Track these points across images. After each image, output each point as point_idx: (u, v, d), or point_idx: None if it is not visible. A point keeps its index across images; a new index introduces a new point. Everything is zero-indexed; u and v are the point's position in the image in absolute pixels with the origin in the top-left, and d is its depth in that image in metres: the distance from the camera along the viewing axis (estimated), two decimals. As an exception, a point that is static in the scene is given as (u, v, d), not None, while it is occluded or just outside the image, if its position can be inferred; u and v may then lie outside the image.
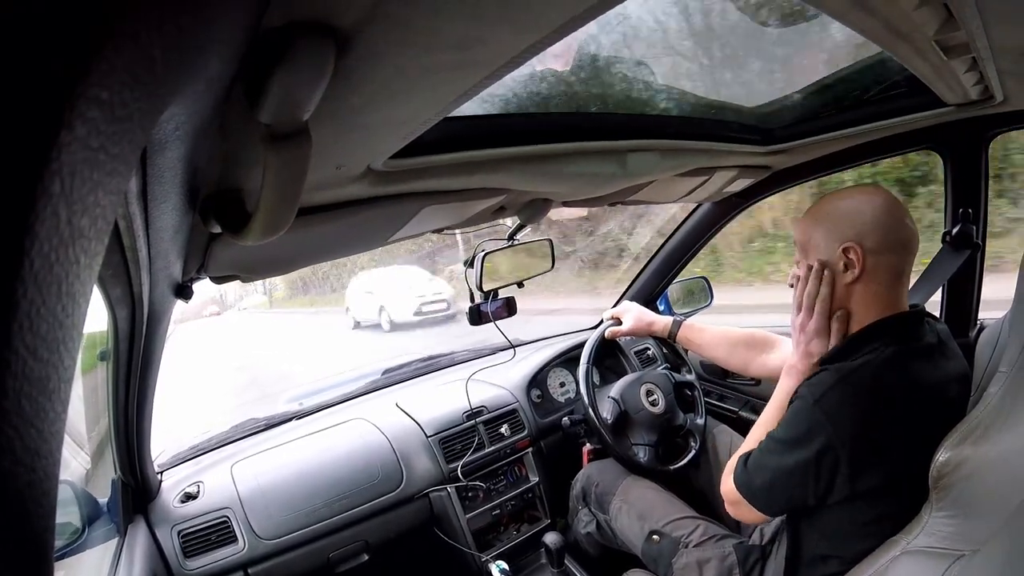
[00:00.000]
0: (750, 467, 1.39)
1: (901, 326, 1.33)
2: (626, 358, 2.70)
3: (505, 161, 1.18)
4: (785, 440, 1.31)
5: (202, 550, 1.83)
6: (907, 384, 1.25)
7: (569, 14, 0.56)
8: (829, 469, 1.22)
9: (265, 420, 2.46)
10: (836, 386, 1.25)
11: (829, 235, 1.36)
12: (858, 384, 1.24)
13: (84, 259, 0.28)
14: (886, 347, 1.28)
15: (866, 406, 1.22)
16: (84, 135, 0.25)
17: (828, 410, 1.23)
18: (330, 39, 0.50)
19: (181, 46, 0.35)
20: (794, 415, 1.31)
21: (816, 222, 1.39)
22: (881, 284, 1.33)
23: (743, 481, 1.40)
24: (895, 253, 1.31)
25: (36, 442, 0.25)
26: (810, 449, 1.23)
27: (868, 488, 1.22)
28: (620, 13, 0.74)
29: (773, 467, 1.32)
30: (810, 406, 1.26)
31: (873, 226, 1.30)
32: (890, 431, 1.22)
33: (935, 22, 0.89)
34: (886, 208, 1.31)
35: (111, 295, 1.01)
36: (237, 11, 0.43)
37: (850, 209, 1.33)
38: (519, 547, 2.36)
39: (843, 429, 1.20)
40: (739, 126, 1.69)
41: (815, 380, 1.31)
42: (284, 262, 1.42)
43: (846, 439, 1.20)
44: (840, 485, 1.23)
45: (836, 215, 1.35)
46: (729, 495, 1.45)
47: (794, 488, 1.29)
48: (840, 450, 1.20)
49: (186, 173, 0.70)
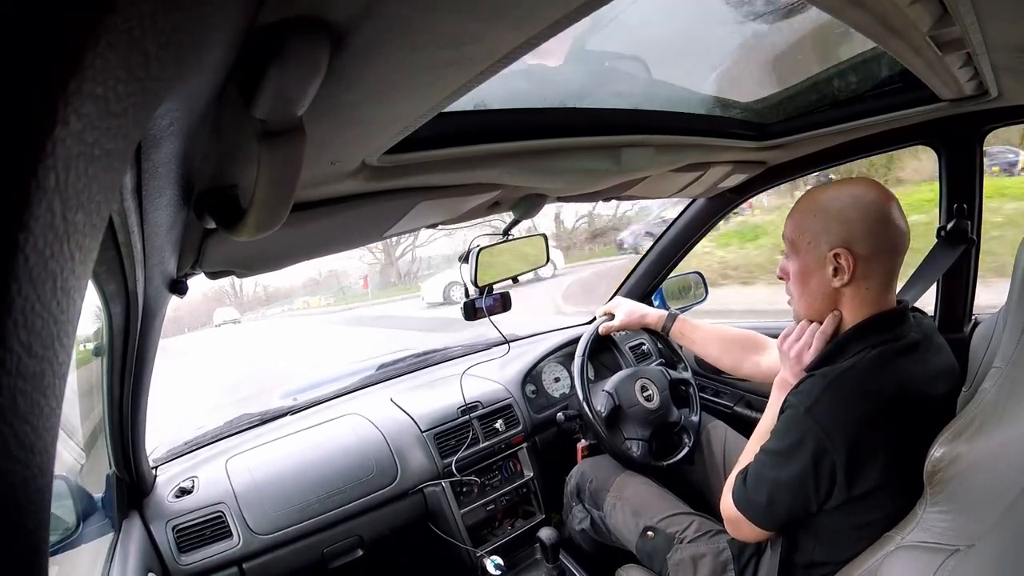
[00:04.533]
0: (748, 484, 1.38)
1: (885, 325, 1.33)
2: (621, 353, 2.70)
3: (500, 157, 1.18)
4: (779, 452, 1.30)
5: (197, 545, 1.83)
6: (894, 384, 1.25)
7: (564, 9, 0.56)
8: (827, 476, 1.22)
9: (260, 415, 2.46)
10: (825, 392, 1.25)
11: (818, 238, 1.34)
12: (846, 388, 1.24)
13: (79, 255, 0.28)
14: (872, 348, 1.28)
15: (856, 410, 1.22)
16: (79, 130, 0.25)
17: (819, 417, 1.23)
18: (325, 35, 0.50)
19: (175, 41, 0.35)
20: (786, 425, 1.31)
21: (805, 222, 1.38)
22: (871, 287, 1.33)
23: (742, 497, 1.40)
24: (886, 256, 1.31)
25: (31, 438, 0.25)
26: (806, 458, 1.23)
27: (866, 491, 1.22)
28: (614, 8, 0.74)
29: (771, 481, 1.32)
30: (801, 415, 1.25)
31: (863, 231, 1.29)
32: (882, 432, 1.22)
33: (930, 18, 0.89)
34: (877, 209, 1.29)
35: (106, 290, 1.01)
36: (232, 6, 0.43)
37: (840, 211, 1.31)
38: (514, 542, 2.37)
39: (836, 435, 1.20)
40: (734, 121, 1.69)
41: (803, 388, 1.31)
42: (279, 258, 1.42)
43: (840, 444, 1.20)
44: (838, 491, 1.23)
45: (826, 216, 1.33)
46: (728, 513, 1.45)
47: (794, 499, 1.29)
48: (835, 455, 1.20)
49: (181, 168, 0.70)
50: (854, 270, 1.30)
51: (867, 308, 1.34)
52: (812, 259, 1.37)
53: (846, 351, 1.33)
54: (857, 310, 1.35)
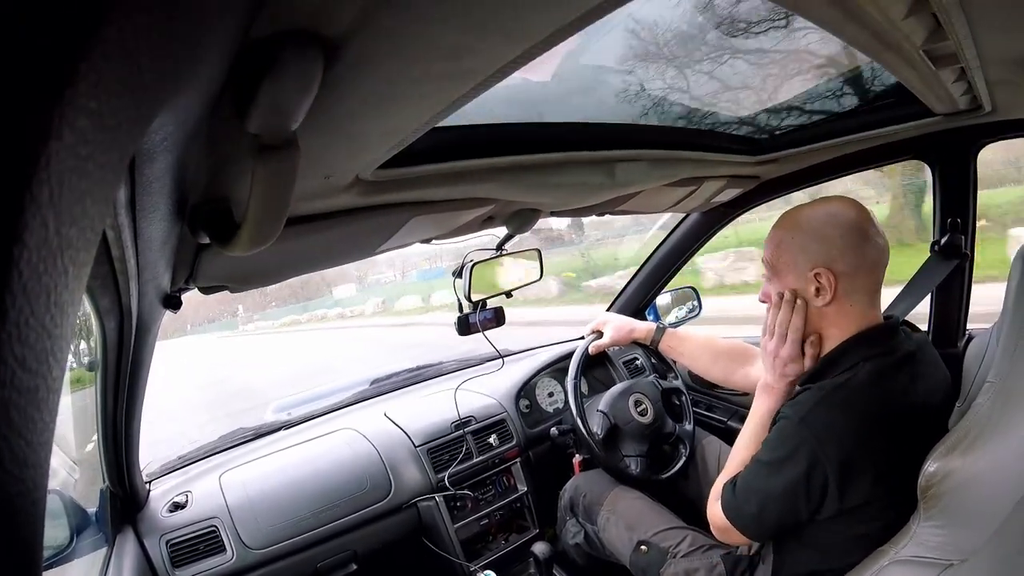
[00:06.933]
0: (738, 493, 1.38)
1: (876, 339, 1.33)
2: (614, 368, 2.70)
3: (493, 171, 1.18)
4: (771, 462, 1.31)
5: (190, 560, 1.81)
6: (889, 397, 1.26)
7: (558, 23, 0.56)
8: (819, 487, 1.22)
9: (253, 430, 2.45)
10: (820, 404, 1.25)
11: (798, 259, 1.35)
12: (842, 401, 1.25)
13: (73, 269, 0.28)
14: (865, 362, 1.29)
15: (851, 422, 1.22)
16: (73, 144, 0.25)
17: (813, 428, 1.23)
18: (319, 49, 0.50)
19: (169, 55, 0.35)
20: (779, 435, 1.31)
21: (784, 243, 1.39)
22: (854, 304, 1.33)
23: (731, 507, 1.39)
24: (867, 272, 1.32)
25: (24, 452, 0.25)
26: (798, 468, 1.23)
27: (858, 503, 1.22)
28: (609, 22, 0.74)
29: (762, 491, 1.32)
30: (795, 425, 1.26)
31: (842, 249, 1.30)
32: (876, 445, 1.22)
33: (923, 32, 0.90)
34: (855, 227, 1.30)
35: (99, 305, 1.00)
36: (226, 20, 0.43)
37: (818, 230, 1.33)
38: (507, 557, 2.35)
39: (829, 446, 1.21)
40: (728, 136, 1.70)
41: (799, 400, 1.31)
42: (273, 272, 1.42)
43: (833, 456, 1.20)
44: (829, 503, 1.23)
45: (804, 236, 1.34)
46: (717, 521, 1.44)
47: (784, 509, 1.29)
48: (828, 467, 1.20)
49: (174, 183, 0.70)
50: (836, 288, 1.31)
51: (855, 324, 1.34)
52: (792, 280, 1.38)
53: (839, 365, 1.33)
54: (845, 327, 1.35)
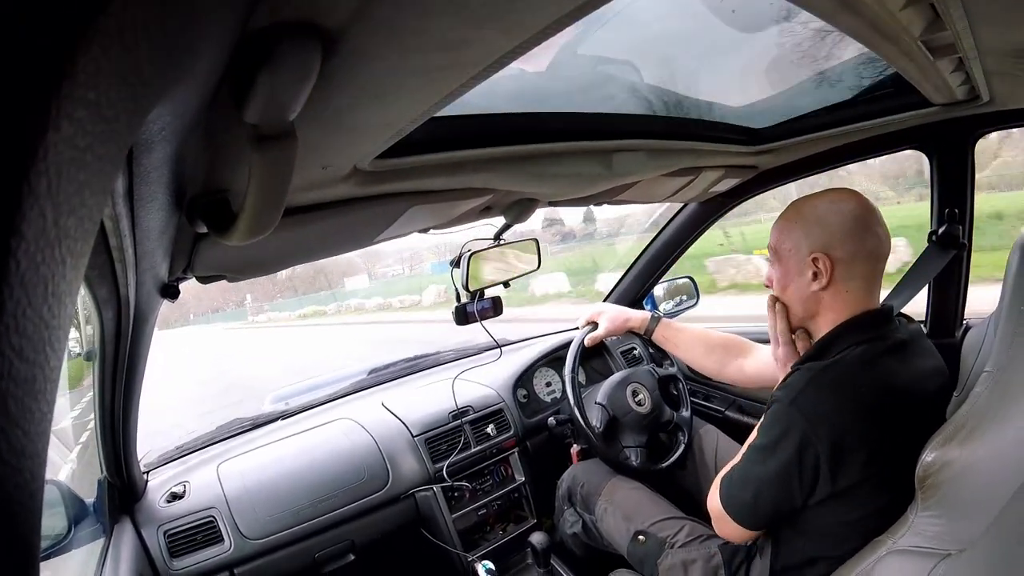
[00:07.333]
0: (735, 481, 1.40)
1: (870, 324, 1.35)
2: (612, 358, 2.71)
3: (491, 161, 1.18)
4: (764, 446, 1.32)
5: (188, 550, 1.82)
6: (879, 380, 1.27)
7: (555, 14, 0.56)
8: (811, 468, 1.23)
9: (251, 420, 2.46)
10: (809, 384, 1.27)
11: (799, 243, 1.38)
12: (831, 381, 1.26)
13: (70, 259, 0.28)
14: (857, 345, 1.31)
15: (839, 402, 1.23)
16: (71, 135, 0.25)
17: (803, 408, 1.24)
18: (316, 40, 0.50)
19: (167, 46, 0.35)
20: (770, 418, 1.32)
21: (787, 228, 1.42)
22: (850, 291, 1.35)
23: (728, 495, 1.40)
24: (864, 262, 1.34)
25: (22, 443, 0.25)
26: (790, 448, 1.24)
27: (849, 485, 1.23)
28: (605, 12, 0.74)
29: (757, 477, 1.33)
30: (786, 407, 1.27)
31: (842, 236, 1.32)
32: (866, 426, 1.22)
33: (921, 22, 0.90)
34: (856, 216, 1.32)
35: (97, 295, 1.00)
36: (223, 11, 0.43)
37: (820, 217, 1.35)
38: (505, 547, 2.36)
39: (819, 425, 1.21)
40: (725, 126, 1.69)
41: (788, 382, 1.33)
42: (271, 262, 1.42)
43: (823, 436, 1.21)
44: (822, 484, 1.23)
45: (806, 223, 1.37)
46: (715, 511, 1.45)
47: (779, 495, 1.30)
48: (819, 446, 1.21)
49: (172, 173, 0.70)
50: (832, 273, 1.34)
51: (849, 310, 1.36)
52: (792, 264, 1.40)
53: (831, 349, 1.35)
54: (840, 312, 1.37)
